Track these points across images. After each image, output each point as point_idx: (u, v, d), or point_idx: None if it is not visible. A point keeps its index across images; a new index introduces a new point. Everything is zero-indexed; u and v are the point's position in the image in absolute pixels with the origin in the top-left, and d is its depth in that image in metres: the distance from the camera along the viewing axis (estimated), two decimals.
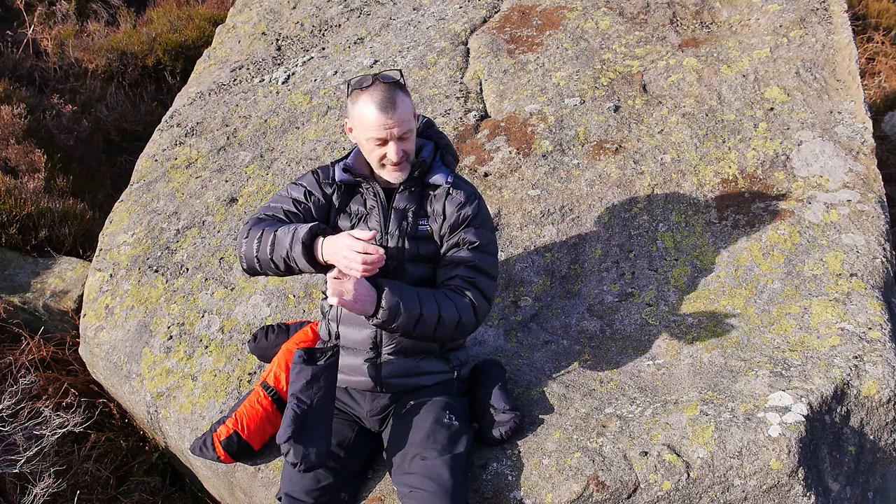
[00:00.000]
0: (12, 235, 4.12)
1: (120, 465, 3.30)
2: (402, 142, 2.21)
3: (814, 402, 2.23)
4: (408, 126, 2.21)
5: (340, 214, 2.35)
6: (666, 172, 3.12)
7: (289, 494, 2.21)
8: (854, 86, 3.25)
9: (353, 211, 2.35)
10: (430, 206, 2.32)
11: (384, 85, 2.19)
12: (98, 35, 6.41)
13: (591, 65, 3.62)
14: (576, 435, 2.28)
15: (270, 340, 2.65)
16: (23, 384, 3.03)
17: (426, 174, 2.33)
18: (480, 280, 2.29)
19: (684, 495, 2.13)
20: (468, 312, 2.26)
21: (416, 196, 2.32)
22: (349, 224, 2.33)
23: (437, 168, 2.34)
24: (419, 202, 2.32)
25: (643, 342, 2.63)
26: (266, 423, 2.50)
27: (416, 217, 2.31)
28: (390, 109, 2.17)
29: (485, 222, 2.35)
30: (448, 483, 2.07)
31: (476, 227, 2.31)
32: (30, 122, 5.02)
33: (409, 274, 2.30)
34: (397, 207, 2.31)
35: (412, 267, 2.30)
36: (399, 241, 2.29)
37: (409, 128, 2.22)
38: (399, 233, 2.29)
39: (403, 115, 2.19)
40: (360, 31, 4.32)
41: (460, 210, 2.29)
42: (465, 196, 2.31)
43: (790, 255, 2.76)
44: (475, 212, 2.31)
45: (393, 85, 2.20)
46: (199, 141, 3.87)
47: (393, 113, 2.17)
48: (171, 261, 3.25)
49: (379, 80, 2.20)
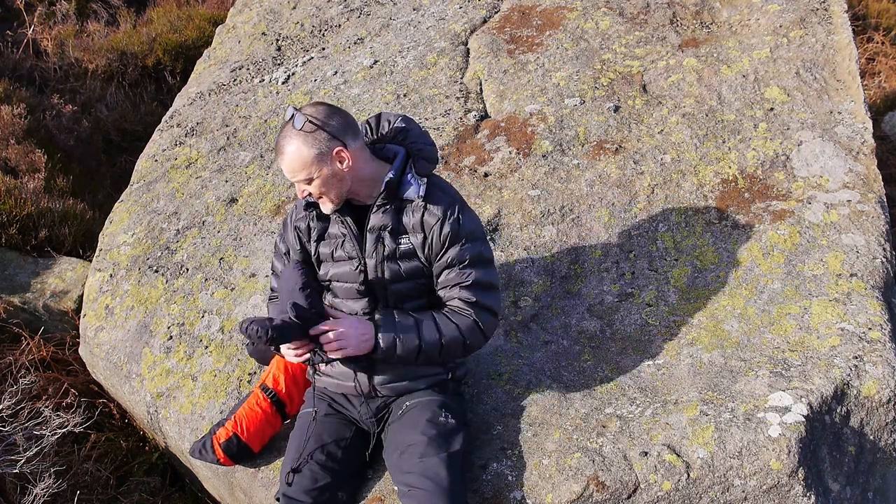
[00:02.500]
0: (12, 235, 4.12)
1: (120, 465, 3.30)
2: (298, 184, 2.15)
3: (814, 402, 2.24)
4: (299, 175, 2.12)
5: (321, 242, 2.31)
6: (666, 172, 3.12)
7: (286, 495, 2.22)
8: (854, 86, 3.25)
9: (332, 234, 2.29)
10: (407, 219, 2.21)
11: (285, 125, 2.13)
12: (98, 35, 6.41)
13: (591, 65, 3.62)
14: (576, 435, 2.28)
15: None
16: (23, 384, 3.03)
17: (397, 190, 2.21)
18: (482, 297, 2.23)
19: (684, 495, 2.13)
20: (473, 334, 2.23)
21: (392, 213, 2.21)
22: (328, 250, 2.29)
23: (408, 182, 2.21)
24: (395, 218, 2.22)
25: (643, 342, 2.63)
26: (266, 426, 2.50)
27: (394, 235, 2.21)
28: (278, 154, 2.13)
29: (471, 233, 2.22)
30: (445, 481, 2.08)
31: (462, 243, 2.20)
32: (30, 122, 5.02)
33: (396, 294, 2.25)
34: (372, 228, 2.22)
35: (398, 286, 2.25)
36: (379, 264, 2.22)
37: (303, 177, 2.12)
38: (377, 256, 2.22)
39: (290, 164, 2.11)
40: (360, 32, 4.32)
41: (441, 227, 2.18)
42: (441, 210, 2.19)
43: (790, 255, 2.76)
44: (456, 225, 2.19)
45: (290, 134, 2.11)
46: (199, 141, 3.87)
47: (279, 159, 2.14)
48: (171, 261, 3.25)
49: (291, 118, 2.12)
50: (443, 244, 2.20)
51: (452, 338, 2.20)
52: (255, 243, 3.20)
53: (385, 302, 2.27)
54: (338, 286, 2.31)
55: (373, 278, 2.23)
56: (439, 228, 2.19)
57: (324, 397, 2.41)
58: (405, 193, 2.21)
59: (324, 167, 2.11)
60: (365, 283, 2.25)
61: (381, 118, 2.31)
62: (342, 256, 2.27)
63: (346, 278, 2.27)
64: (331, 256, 2.29)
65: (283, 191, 3.39)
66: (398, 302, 2.27)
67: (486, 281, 2.25)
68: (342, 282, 2.29)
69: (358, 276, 2.24)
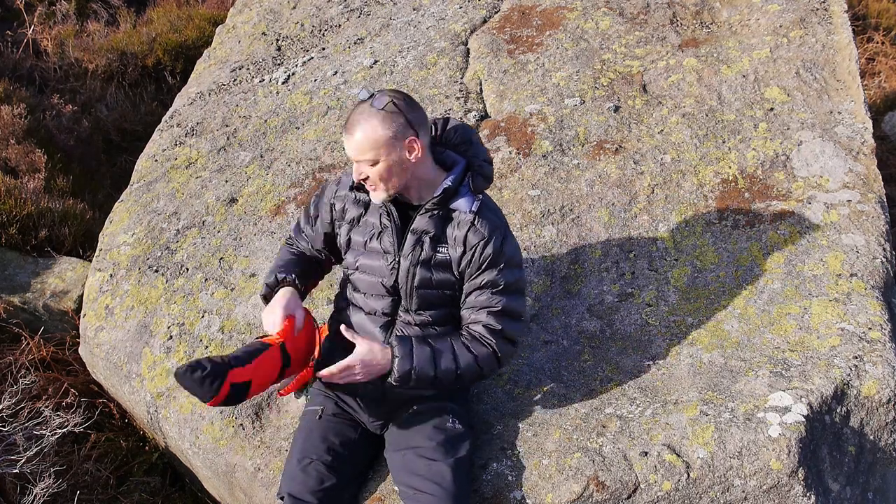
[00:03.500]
0: (12, 235, 4.12)
1: (120, 465, 3.30)
2: (362, 165, 2.09)
3: (814, 402, 2.24)
4: (366, 155, 2.06)
5: (354, 227, 2.27)
6: (666, 172, 3.12)
7: (291, 494, 2.21)
8: (854, 86, 3.25)
9: (370, 223, 2.24)
10: (451, 230, 2.17)
11: (360, 104, 2.09)
12: (98, 35, 6.40)
13: (591, 65, 3.62)
14: (576, 435, 2.28)
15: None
16: (23, 384, 3.03)
17: (450, 199, 2.17)
18: (506, 325, 2.19)
19: (684, 495, 2.13)
20: (489, 363, 2.20)
21: (438, 220, 2.17)
22: (362, 239, 2.25)
23: (463, 193, 2.18)
24: (440, 227, 2.18)
25: (643, 342, 2.63)
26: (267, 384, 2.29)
27: (435, 242, 2.18)
28: (349, 130, 2.07)
29: (511, 259, 2.19)
30: (451, 486, 2.09)
31: (500, 267, 2.16)
32: (30, 122, 5.02)
33: (420, 299, 2.22)
34: (415, 230, 2.18)
35: (424, 292, 2.21)
36: (411, 266, 2.18)
37: (370, 157, 2.06)
38: (413, 258, 2.18)
39: (362, 141, 2.05)
40: (360, 32, 4.32)
41: (483, 247, 2.14)
42: (488, 230, 2.15)
43: (790, 255, 2.76)
44: (499, 249, 2.15)
45: (370, 111, 2.05)
46: (199, 141, 3.87)
47: (350, 135, 2.07)
48: (171, 261, 3.25)
49: (370, 97, 2.08)
50: (481, 265, 2.16)
51: (468, 368, 2.17)
52: (255, 243, 3.20)
53: (408, 305, 2.23)
54: (362, 279, 2.27)
55: (402, 279, 2.20)
56: (482, 248, 2.15)
57: (331, 395, 2.39)
58: (456, 204, 2.18)
59: (393, 153, 2.06)
60: (394, 281, 2.22)
61: (448, 122, 2.27)
62: (376, 249, 2.23)
63: (375, 272, 2.24)
64: (363, 246, 2.25)
65: (283, 191, 3.39)
66: (420, 307, 2.23)
67: (515, 310, 2.22)
68: (369, 274, 2.25)
69: (389, 272, 2.21)
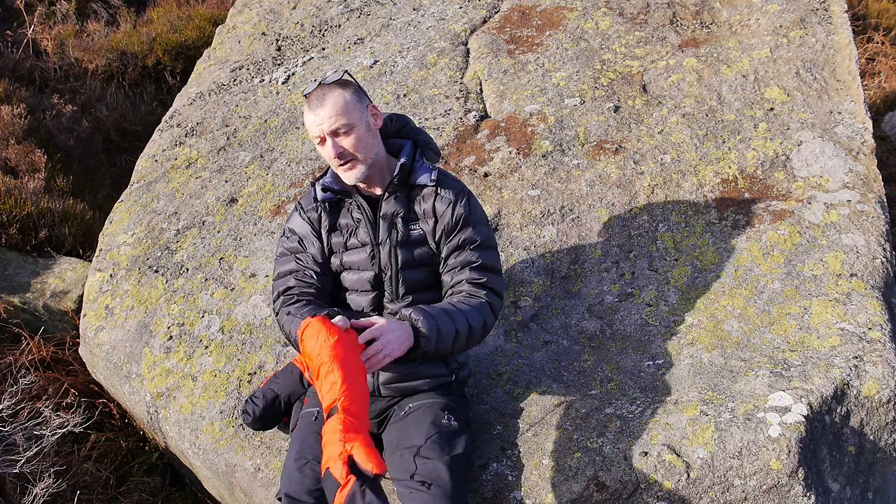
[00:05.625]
0: (12, 235, 4.12)
1: (120, 465, 3.30)
2: (338, 137, 2.16)
3: (814, 402, 2.23)
4: (340, 121, 2.14)
5: (332, 233, 2.34)
6: (666, 172, 3.12)
7: (289, 495, 2.21)
8: (854, 86, 3.25)
9: (343, 225, 2.33)
10: (418, 206, 2.28)
11: (319, 87, 2.17)
12: (98, 35, 6.41)
13: (591, 65, 3.62)
14: (576, 435, 2.28)
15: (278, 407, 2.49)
16: (23, 384, 3.03)
17: (409, 176, 2.29)
18: (490, 278, 2.28)
19: (684, 495, 2.13)
20: (488, 314, 2.26)
21: (403, 199, 2.28)
22: (341, 239, 2.32)
23: (420, 168, 2.30)
24: (407, 205, 2.28)
25: (643, 342, 2.63)
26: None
27: (406, 221, 2.27)
28: (318, 107, 2.15)
29: (480, 217, 2.32)
30: (448, 484, 2.08)
31: (473, 225, 2.28)
32: (30, 122, 5.03)
33: (406, 280, 2.28)
34: (385, 215, 2.27)
35: (408, 273, 2.29)
36: (392, 249, 2.27)
37: (344, 122, 2.14)
38: (390, 241, 2.27)
39: (333, 108, 2.13)
40: (360, 32, 4.32)
41: (453, 210, 2.26)
42: (454, 194, 2.27)
43: (790, 255, 2.76)
44: (468, 209, 2.27)
45: (329, 85, 2.17)
46: (199, 141, 3.87)
47: (320, 109, 2.14)
48: (171, 261, 3.25)
49: (320, 83, 2.18)
50: (455, 225, 2.26)
51: (474, 319, 2.21)
52: (255, 243, 3.20)
53: (395, 294, 2.29)
54: (348, 277, 2.33)
55: (385, 265, 2.27)
56: (452, 210, 2.26)
57: None
58: (417, 179, 2.28)
59: (362, 116, 2.18)
60: (377, 271, 2.27)
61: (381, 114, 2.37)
62: (355, 244, 2.31)
63: (359, 265, 2.31)
64: (343, 245, 2.33)
65: (283, 191, 3.39)
66: (407, 292, 2.29)
67: (493, 265, 2.31)
68: (354, 269, 2.32)
69: (371, 263, 2.28)
